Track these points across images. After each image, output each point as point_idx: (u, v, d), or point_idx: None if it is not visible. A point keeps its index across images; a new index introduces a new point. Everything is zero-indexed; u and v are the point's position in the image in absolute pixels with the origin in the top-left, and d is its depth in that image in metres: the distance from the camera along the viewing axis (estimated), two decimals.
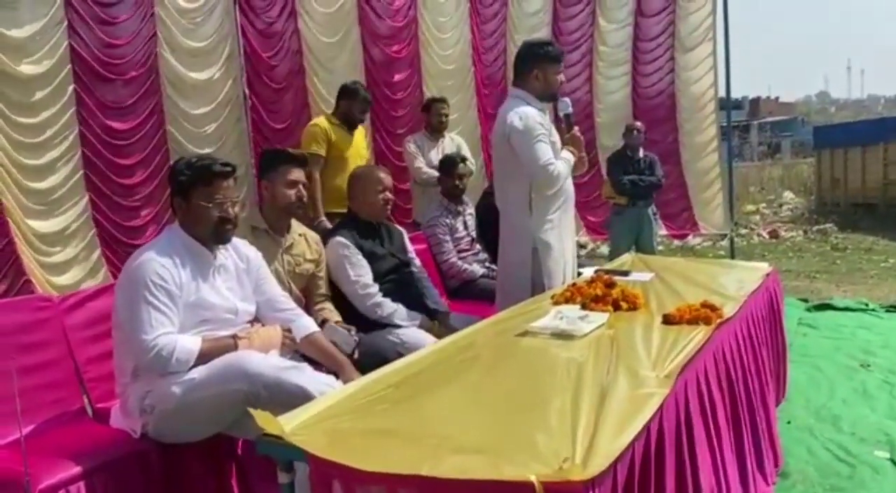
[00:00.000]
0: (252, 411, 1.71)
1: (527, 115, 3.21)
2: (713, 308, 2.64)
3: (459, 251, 4.43)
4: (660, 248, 8.87)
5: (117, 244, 4.76)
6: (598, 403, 1.80)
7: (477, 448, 1.56)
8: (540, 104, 3.32)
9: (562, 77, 3.35)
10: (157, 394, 2.27)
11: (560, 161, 3.25)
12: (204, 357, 2.30)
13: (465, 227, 4.55)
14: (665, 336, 2.40)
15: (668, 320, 2.59)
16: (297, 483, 1.73)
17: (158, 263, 2.29)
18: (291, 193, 2.96)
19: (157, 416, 2.28)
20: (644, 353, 2.23)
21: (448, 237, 4.43)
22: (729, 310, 2.73)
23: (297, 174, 3.01)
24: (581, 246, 9.39)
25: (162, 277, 2.28)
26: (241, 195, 4.09)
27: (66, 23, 4.42)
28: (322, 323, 2.88)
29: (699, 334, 2.42)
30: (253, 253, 2.64)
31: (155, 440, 2.33)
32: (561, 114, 3.41)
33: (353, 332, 2.85)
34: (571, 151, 3.34)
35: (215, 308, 2.41)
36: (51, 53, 4.37)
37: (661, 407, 1.90)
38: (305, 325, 2.64)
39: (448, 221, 4.47)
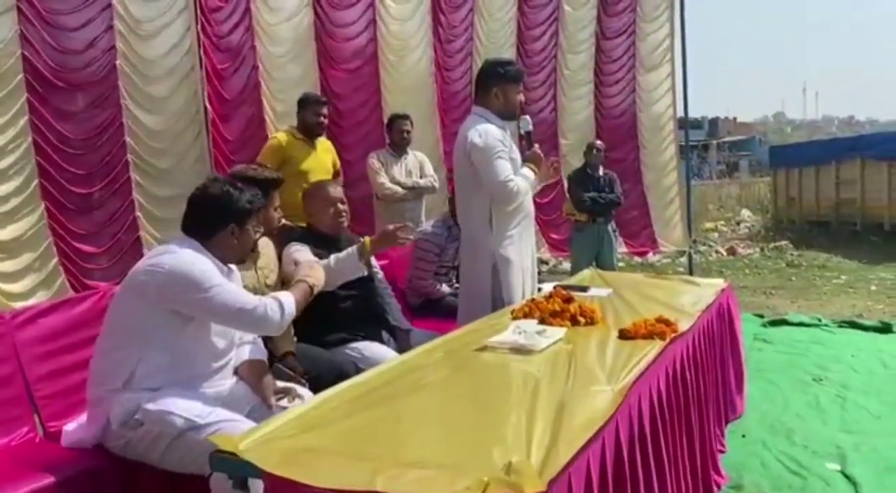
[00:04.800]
0: (216, 438, 1.70)
1: (487, 132, 3.25)
2: (668, 323, 2.69)
3: (435, 273, 4.40)
4: (620, 264, 8.98)
5: (74, 252, 4.75)
6: (554, 417, 1.82)
7: (433, 463, 1.56)
8: (500, 122, 3.35)
9: (522, 96, 3.39)
10: (155, 416, 2.21)
11: (519, 178, 3.28)
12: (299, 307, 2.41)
13: (455, 252, 4.46)
14: (620, 351, 2.44)
15: (624, 334, 2.63)
16: None
17: (203, 260, 2.32)
18: (276, 217, 3.02)
19: (142, 434, 2.23)
20: (599, 367, 2.26)
21: (434, 257, 4.38)
22: (683, 325, 2.77)
23: (279, 198, 3.06)
24: (543, 262, 9.47)
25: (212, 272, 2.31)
26: None
27: (18, 32, 4.39)
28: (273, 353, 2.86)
29: (654, 348, 2.45)
30: (237, 272, 2.66)
31: (110, 460, 2.28)
32: (521, 131, 3.45)
33: (298, 373, 2.81)
34: (532, 169, 3.38)
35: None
36: (2, 62, 4.33)
37: (616, 420, 1.93)
38: (245, 353, 2.61)
39: (442, 243, 4.36)
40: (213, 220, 2.41)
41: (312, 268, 2.60)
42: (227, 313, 2.28)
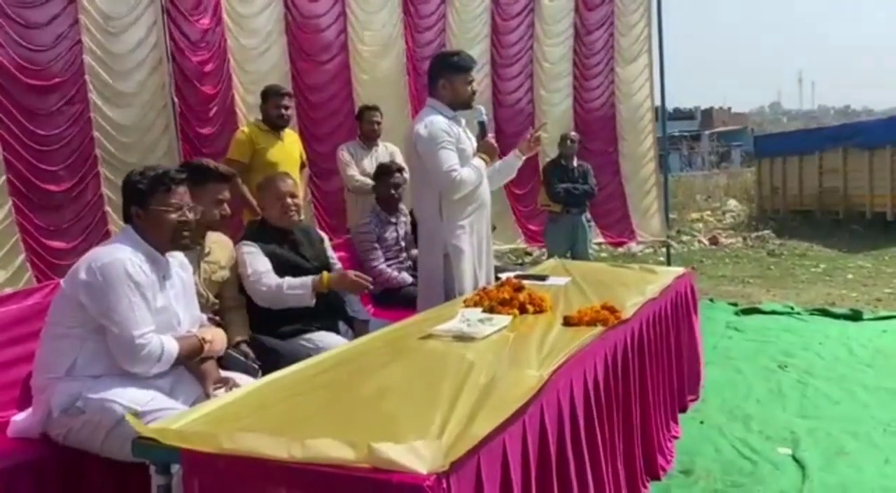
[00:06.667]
0: (128, 416, 1.72)
1: (433, 122, 3.27)
2: (613, 310, 2.72)
3: (386, 260, 4.46)
4: (602, 254, 9.06)
5: (43, 248, 4.74)
6: (476, 400, 1.84)
7: (346, 440, 1.57)
8: (451, 113, 3.38)
9: (473, 86, 3.41)
10: (95, 404, 2.24)
11: (466, 168, 3.30)
12: (178, 360, 2.36)
13: (397, 236, 4.57)
14: (561, 337, 2.47)
15: (568, 321, 2.66)
16: (175, 486, 1.75)
17: (133, 262, 2.31)
18: (217, 211, 2.98)
19: (82, 422, 2.25)
20: (536, 353, 2.29)
21: (377, 245, 4.46)
22: (628, 311, 2.80)
23: (225, 193, 3.03)
24: (527, 253, 9.52)
25: (137, 275, 2.30)
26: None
27: None
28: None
29: (593, 334, 2.48)
30: (187, 262, 2.67)
31: (52, 450, 2.30)
32: (474, 121, 3.47)
33: (251, 359, 2.86)
34: (484, 159, 3.41)
35: (169, 316, 2.43)
36: None
37: (540, 404, 1.96)
38: None
39: (377, 229, 4.49)
40: (125, 205, 2.46)
41: (212, 331, 2.59)
42: (119, 332, 2.25)
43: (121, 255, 2.31)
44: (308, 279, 3.12)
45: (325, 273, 3.18)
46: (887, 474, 3.09)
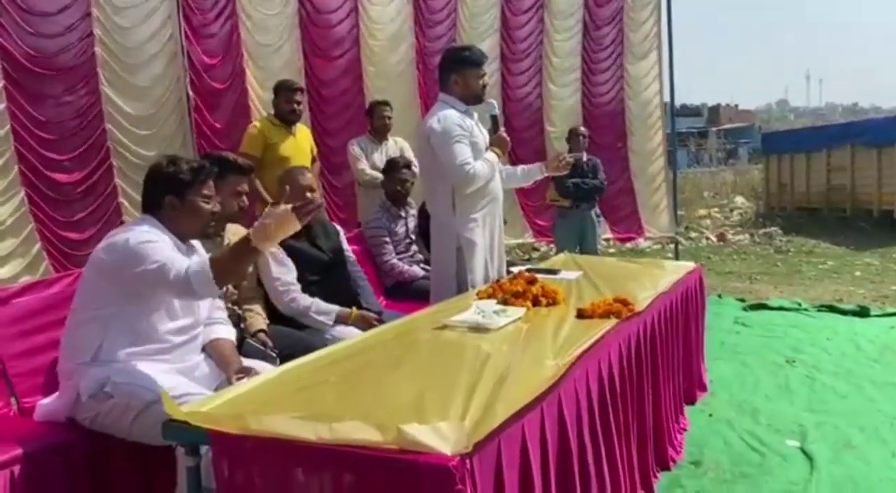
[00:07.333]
0: (162, 393, 1.77)
1: (446, 117, 3.31)
2: (625, 303, 2.76)
3: (396, 253, 4.51)
4: (611, 250, 9.09)
5: (57, 239, 4.82)
6: (493, 387, 1.89)
7: (372, 422, 1.61)
8: (464, 107, 3.41)
9: (484, 80, 3.44)
10: (124, 388, 2.29)
11: (479, 162, 3.34)
12: (223, 269, 2.25)
13: (406, 230, 4.62)
14: (575, 329, 2.50)
15: (581, 314, 2.70)
16: (204, 467, 1.80)
17: (152, 234, 2.35)
18: (236, 203, 3.03)
19: (110, 407, 2.30)
20: (551, 343, 2.33)
21: (388, 239, 4.51)
22: (641, 305, 2.84)
23: (244, 185, 3.08)
24: (535, 249, 9.56)
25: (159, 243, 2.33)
26: None
27: None
28: (245, 332, 2.97)
29: (607, 326, 2.53)
30: (203, 250, 2.70)
31: (79, 434, 2.34)
32: (487, 115, 3.51)
33: (269, 348, 2.92)
34: (496, 153, 3.44)
35: (188, 302, 2.47)
36: None
37: (558, 393, 2.01)
38: (215, 331, 2.68)
39: (387, 223, 4.54)
40: (152, 192, 2.50)
41: (269, 211, 2.28)
42: (155, 275, 2.26)
43: (142, 236, 2.35)
44: (335, 311, 3.27)
45: (353, 310, 3.33)
46: (894, 466, 3.13)
